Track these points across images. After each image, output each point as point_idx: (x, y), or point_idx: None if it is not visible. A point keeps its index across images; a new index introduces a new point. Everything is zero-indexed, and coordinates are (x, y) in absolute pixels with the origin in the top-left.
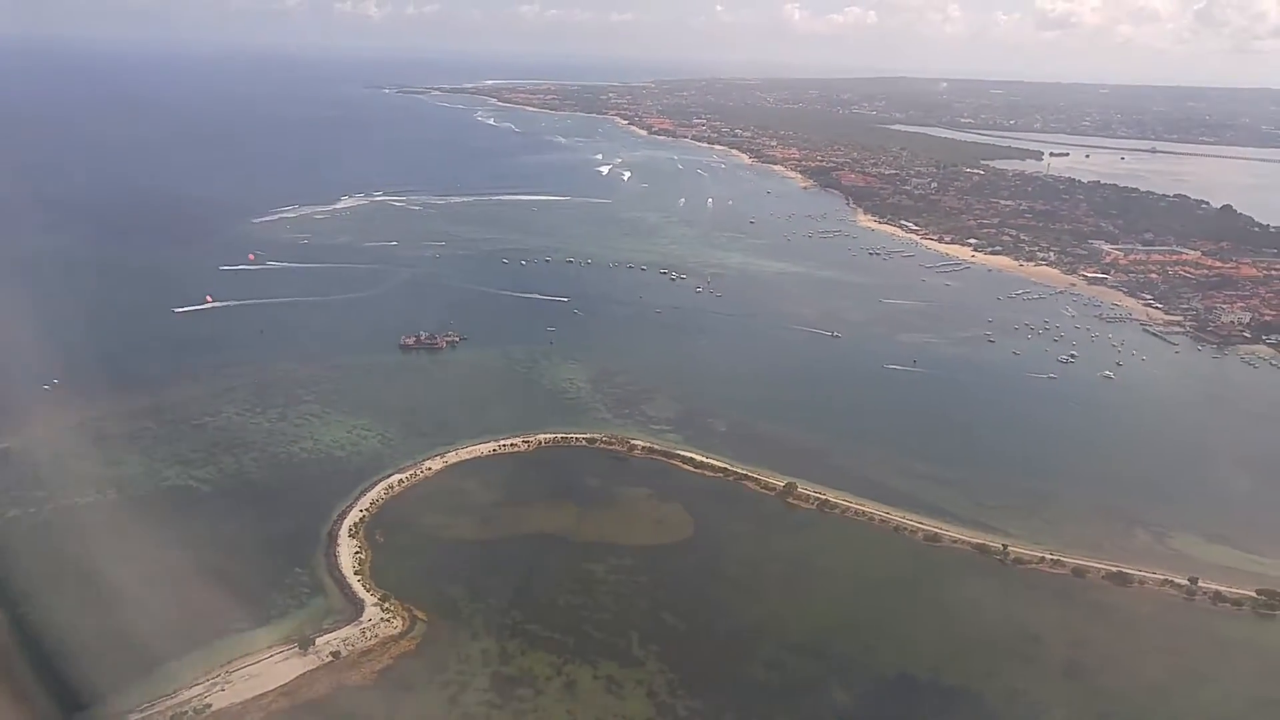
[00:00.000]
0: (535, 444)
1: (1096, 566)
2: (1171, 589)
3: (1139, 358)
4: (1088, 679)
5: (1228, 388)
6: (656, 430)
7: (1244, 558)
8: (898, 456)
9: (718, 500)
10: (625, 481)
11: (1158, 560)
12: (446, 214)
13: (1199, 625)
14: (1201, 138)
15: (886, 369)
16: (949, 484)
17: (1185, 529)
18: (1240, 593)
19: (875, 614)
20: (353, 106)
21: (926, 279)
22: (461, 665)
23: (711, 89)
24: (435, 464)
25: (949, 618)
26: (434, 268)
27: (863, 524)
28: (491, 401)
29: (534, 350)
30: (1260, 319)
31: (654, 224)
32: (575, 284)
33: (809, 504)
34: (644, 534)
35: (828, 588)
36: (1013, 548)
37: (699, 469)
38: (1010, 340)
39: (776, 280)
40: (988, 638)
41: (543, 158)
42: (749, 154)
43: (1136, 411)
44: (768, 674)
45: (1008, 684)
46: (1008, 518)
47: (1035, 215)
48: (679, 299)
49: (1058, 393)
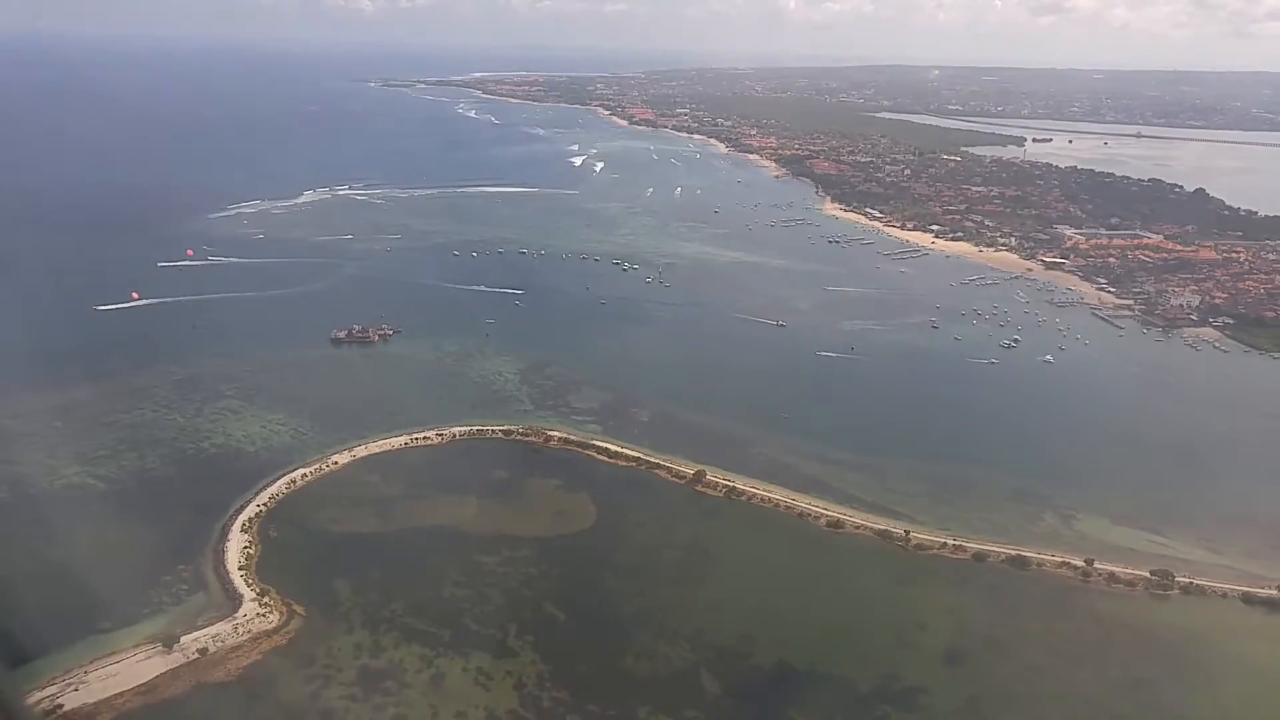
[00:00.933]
0: (449, 437)
1: (997, 550)
2: (1068, 571)
3: (1082, 342)
4: (966, 664)
5: (1165, 371)
6: (578, 421)
7: (1146, 539)
8: (817, 443)
9: (626, 490)
10: (535, 473)
11: (1062, 543)
12: (408, 207)
13: (1088, 607)
14: (1190, 122)
15: (820, 356)
16: (864, 470)
17: (1094, 512)
18: (1134, 573)
19: (762, 602)
20: (333, 100)
21: (881, 266)
22: (330, 659)
23: (701, 79)
24: (342, 458)
25: (837, 605)
26: (383, 261)
27: (768, 511)
28: (413, 395)
29: (468, 343)
30: (1210, 302)
31: (616, 214)
32: (525, 276)
33: (717, 492)
34: (544, 525)
35: (719, 576)
36: (915, 533)
37: (613, 459)
38: (955, 326)
39: (730, 269)
40: (874, 625)
41: (517, 149)
42: (726, 143)
43: (1069, 396)
44: (639, 664)
45: (884, 671)
46: (919, 503)
47: (1004, 201)
48: (627, 290)
49: (994, 378)
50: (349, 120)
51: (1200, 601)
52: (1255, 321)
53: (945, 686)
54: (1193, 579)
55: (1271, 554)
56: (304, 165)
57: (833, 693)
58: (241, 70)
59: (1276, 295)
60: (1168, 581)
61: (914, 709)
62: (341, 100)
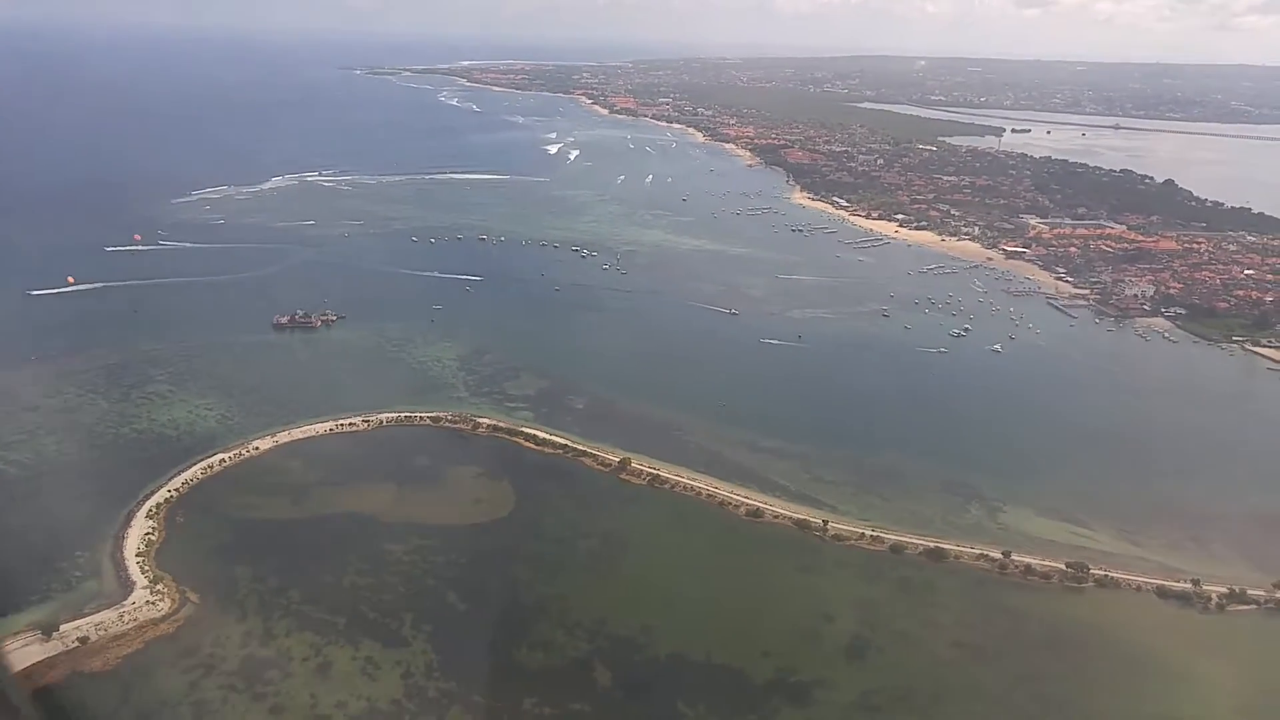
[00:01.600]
0: (376, 423)
1: (915, 542)
2: (985, 564)
3: (1034, 331)
4: (868, 657)
5: (1110, 361)
6: (511, 408)
7: (1070, 531)
8: (750, 432)
9: (549, 477)
10: (458, 460)
11: (985, 535)
12: (375, 193)
13: (1000, 600)
14: (1168, 114)
15: (764, 344)
16: (794, 459)
17: (1021, 503)
18: (1050, 565)
19: (669, 592)
20: (316, 88)
21: (841, 255)
22: (215, 648)
23: (688, 69)
24: (265, 444)
25: (745, 596)
26: (340, 247)
27: (689, 499)
28: (347, 381)
29: (412, 329)
30: (1164, 292)
31: (584, 202)
32: (481, 262)
33: (640, 480)
34: (459, 513)
35: (630, 566)
36: (834, 524)
37: (540, 446)
38: (906, 315)
39: (689, 257)
40: (779, 616)
41: (494, 136)
42: (704, 132)
43: (1012, 386)
44: (532, 655)
45: (783, 664)
46: (845, 493)
47: (974, 190)
48: (583, 276)
49: (940, 367)
50: (328, 108)
51: (1113, 595)
52: (1207, 312)
53: (843, 680)
54: (1108, 572)
55: (1193, 546)
56: (275, 152)
57: (726, 685)
58: (228, 58)
59: (1231, 286)
60: (1082, 574)
61: (807, 703)
62: (324, 88)
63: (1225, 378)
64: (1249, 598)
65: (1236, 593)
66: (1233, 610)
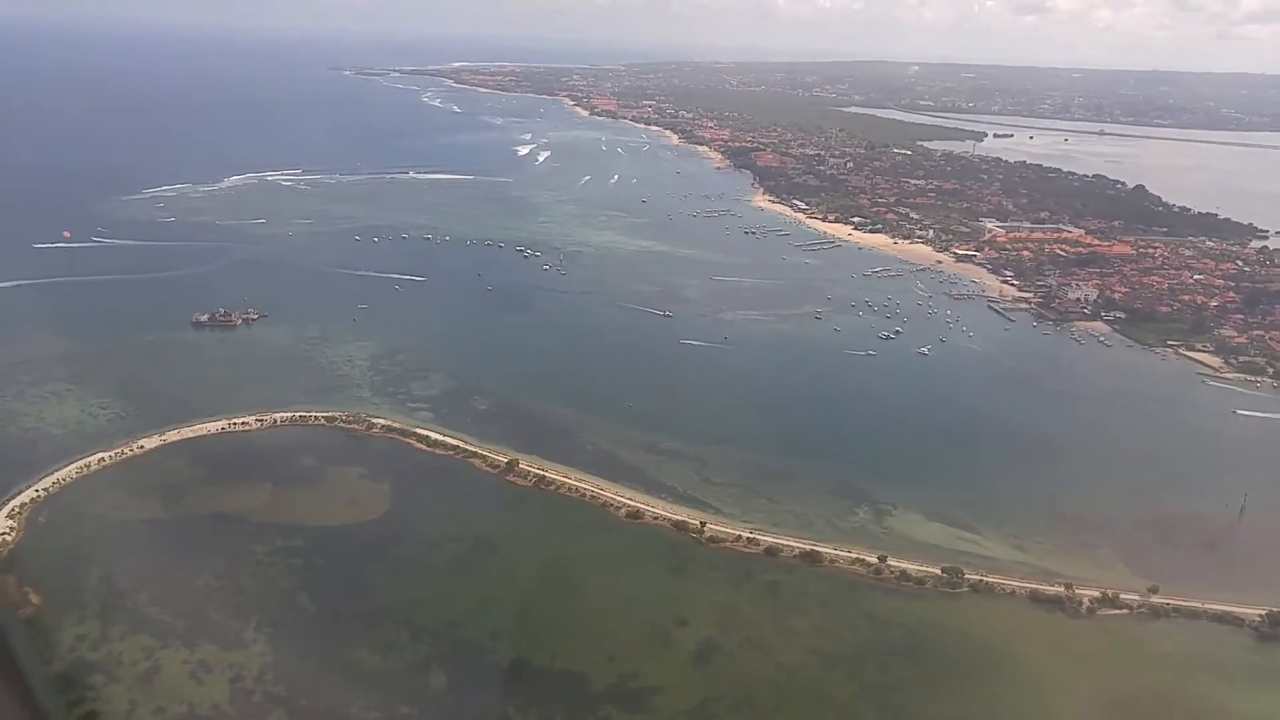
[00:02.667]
0: (270, 423)
1: (792, 545)
2: (860, 567)
3: (966, 334)
4: (715, 663)
5: (1038, 364)
6: (412, 408)
7: (956, 535)
8: (651, 433)
9: (433, 479)
10: (344, 461)
11: (868, 539)
12: (332, 192)
13: (868, 605)
14: (1157, 121)
15: (684, 344)
16: (690, 460)
17: (911, 507)
18: (926, 570)
19: (528, 596)
20: (299, 88)
21: (788, 258)
22: (42, 651)
23: (680, 72)
24: (151, 442)
25: (605, 599)
26: (281, 246)
27: (572, 501)
28: (252, 379)
29: (333, 328)
30: (1107, 296)
31: (541, 202)
32: (420, 261)
33: (526, 481)
34: (332, 514)
35: (495, 569)
36: (713, 526)
37: (431, 447)
38: (840, 317)
39: (634, 258)
40: (635, 620)
41: (467, 137)
42: (680, 134)
43: (930, 388)
44: (371, 659)
45: (627, 669)
46: (732, 495)
47: (939, 194)
48: (521, 277)
49: (863, 369)
50: (306, 108)
51: (986, 600)
52: (1147, 316)
53: (685, 687)
54: (984, 577)
55: (1079, 551)
56: (241, 150)
57: (563, 691)
58: (218, 56)
59: (1178, 290)
60: (957, 579)
61: (640, 710)
62: (307, 88)
63: (1149, 382)
64: (1121, 602)
65: (1109, 597)
66: (1103, 615)
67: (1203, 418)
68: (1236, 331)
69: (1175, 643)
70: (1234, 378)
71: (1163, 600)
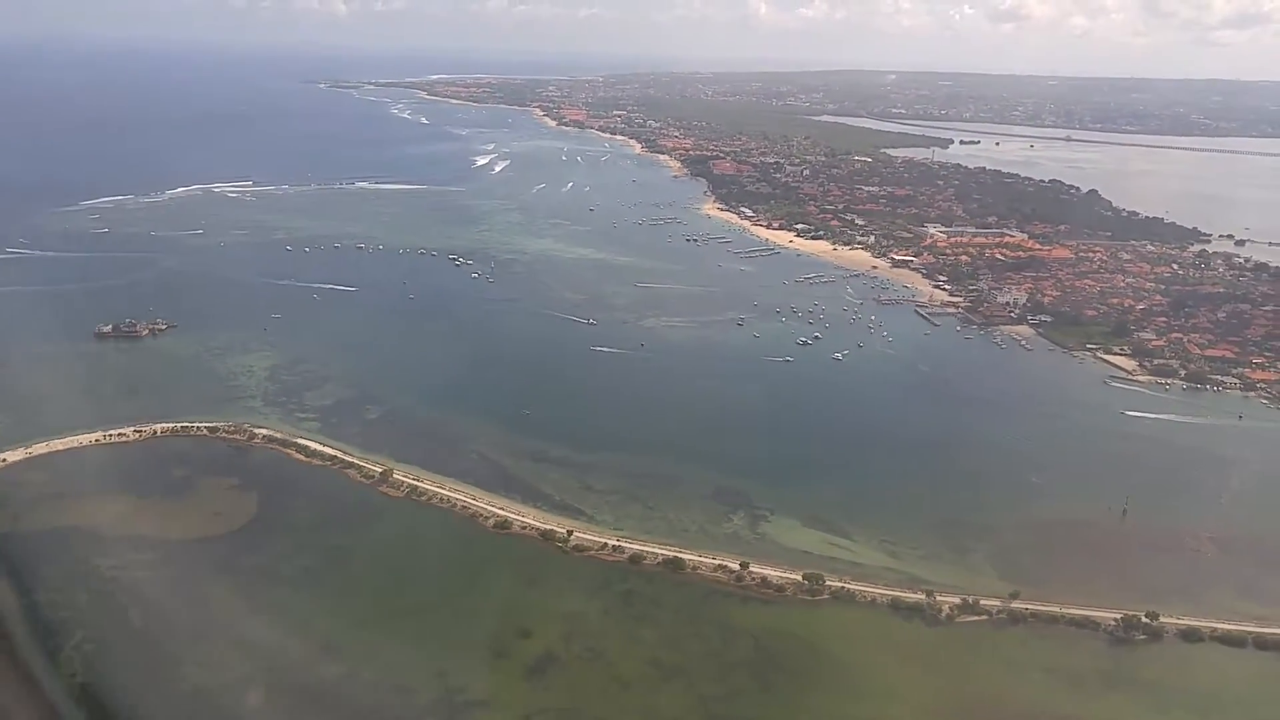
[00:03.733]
0: (148, 434)
1: (657, 552)
2: (723, 574)
3: (886, 339)
4: (549, 676)
5: (952, 368)
6: (300, 418)
7: (829, 541)
8: (540, 441)
9: (303, 490)
10: (217, 471)
11: (736, 545)
12: (277, 204)
13: (721, 613)
14: (1125, 127)
15: (594, 351)
16: (573, 468)
17: (789, 513)
18: (787, 577)
19: (367, 612)
20: (268, 100)
21: (724, 264)
22: None
23: (657, 82)
24: (15, 456)
25: (447, 613)
26: (210, 256)
27: (442, 511)
28: (142, 390)
29: (241, 337)
30: (1037, 299)
31: (487, 210)
32: (349, 271)
33: (399, 491)
34: (190, 527)
35: (338, 583)
36: (580, 534)
37: (309, 458)
38: (762, 323)
39: (569, 266)
40: (474, 633)
41: (429, 148)
42: (643, 143)
43: (836, 393)
44: (191, 671)
45: (454, 684)
46: (609, 502)
47: (889, 200)
48: (448, 285)
49: (773, 374)
50: (272, 120)
51: (845, 608)
52: (1073, 319)
53: (511, 700)
54: (846, 584)
55: (950, 556)
56: (191, 162)
57: (385, 706)
58: (192, 71)
59: (1108, 294)
60: (818, 586)
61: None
62: (279, 100)
63: (1054, 385)
64: (981, 608)
65: (969, 604)
66: (962, 621)
67: (1094, 419)
68: (1156, 334)
69: (1029, 649)
70: (1145, 380)
71: (1023, 605)
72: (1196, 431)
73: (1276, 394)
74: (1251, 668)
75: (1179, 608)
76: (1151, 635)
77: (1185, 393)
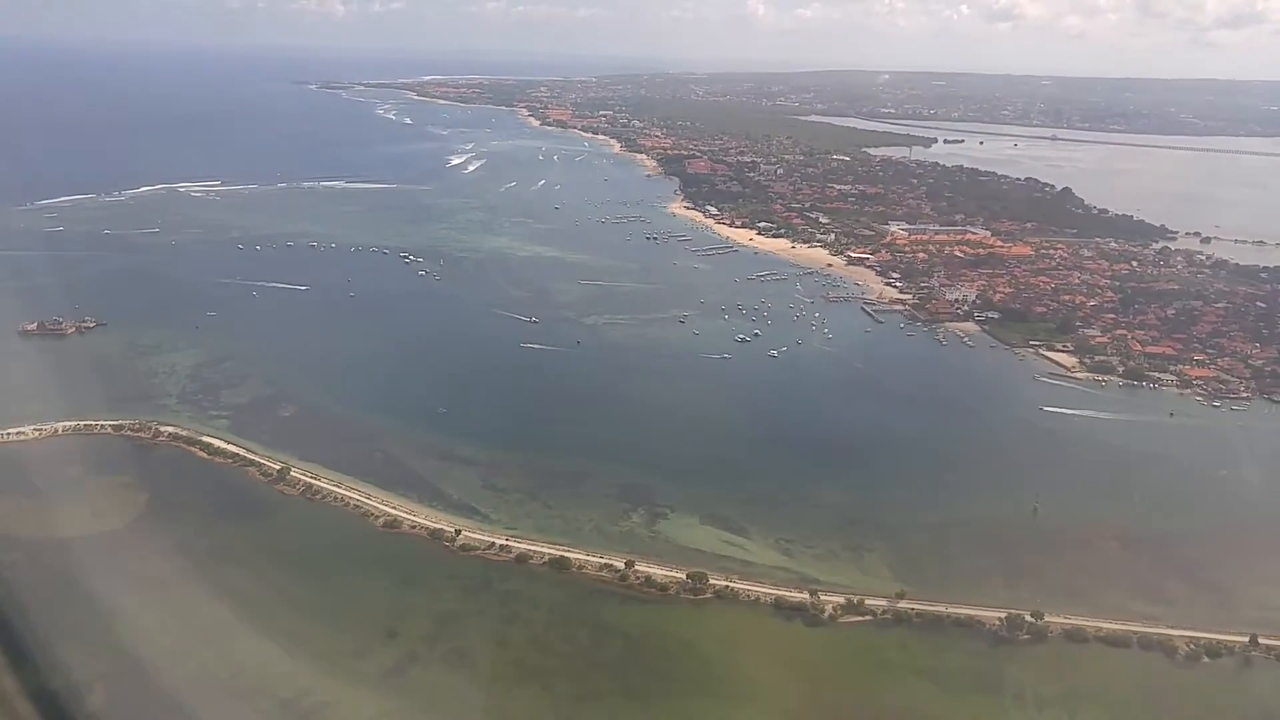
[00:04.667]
0: (49, 433)
1: (544, 552)
2: (607, 574)
3: (827, 336)
4: (406, 679)
5: (887, 365)
6: (212, 416)
7: (724, 539)
8: (452, 439)
9: (199, 487)
10: (112, 470)
11: (629, 543)
12: (240, 203)
13: (597, 613)
14: (1112, 126)
15: (523, 348)
16: (479, 466)
17: (689, 510)
18: (671, 576)
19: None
20: (255, 101)
21: (680, 262)
22: None
23: (650, 84)
24: None
25: (317, 612)
26: (161, 254)
27: (334, 510)
28: (55, 389)
29: (171, 335)
30: (988, 296)
31: (450, 209)
32: (296, 269)
33: (295, 489)
34: (70, 526)
35: (207, 586)
36: (468, 534)
37: (212, 455)
38: (705, 321)
39: (522, 264)
40: (338, 636)
41: (406, 147)
42: (622, 143)
43: (765, 391)
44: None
45: (305, 686)
46: (509, 500)
47: (859, 199)
48: (392, 283)
49: (707, 372)
50: (255, 120)
51: (727, 607)
52: (1020, 316)
53: (358, 703)
54: (730, 583)
55: (846, 555)
56: (162, 162)
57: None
58: (184, 74)
59: (1062, 290)
60: (702, 586)
61: None
62: (265, 101)
63: (989, 383)
64: (866, 608)
65: (854, 604)
66: (844, 622)
67: (1015, 415)
68: (1102, 331)
69: (907, 650)
70: (1083, 377)
71: (909, 606)
72: (1124, 428)
73: (1211, 391)
74: (1129, 668)
75: (1070, 607)
76: (1036, 635)
77: (1121, 389)
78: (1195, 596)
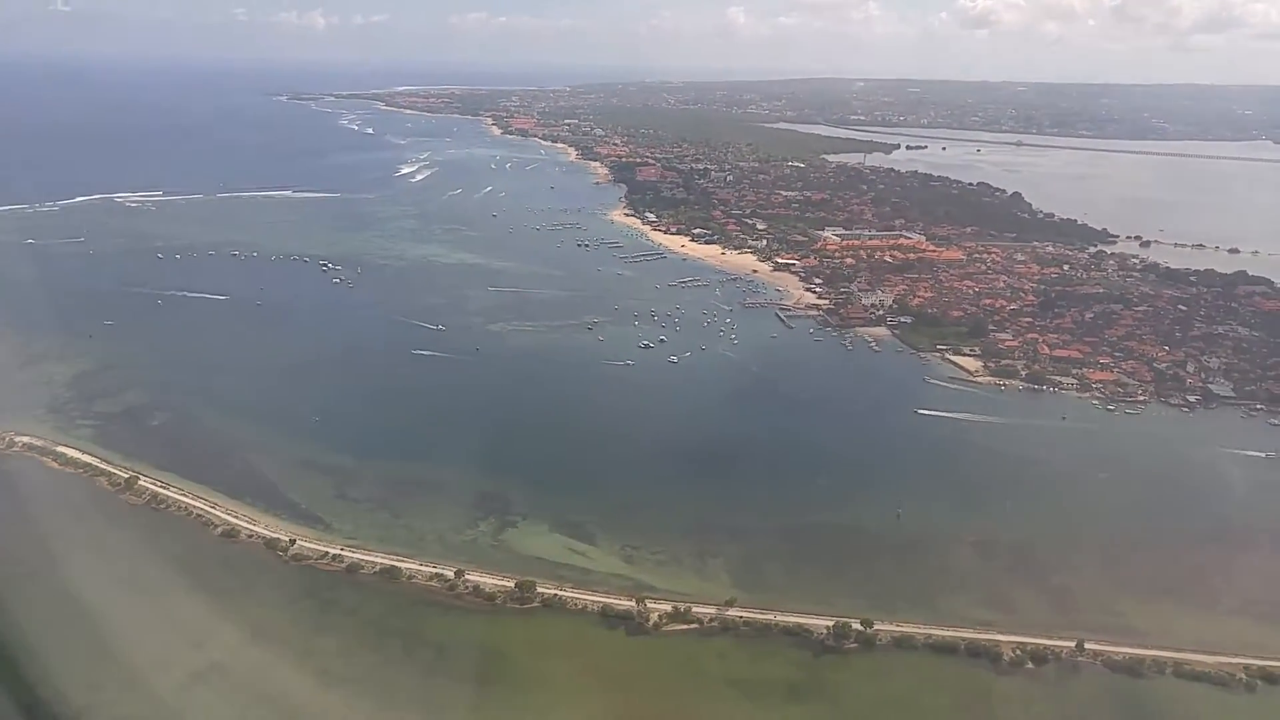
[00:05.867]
0: None
1: (375, 561)
2: (437, 582)
3: (733, 342)
4: (200, 690)
5: (786, 370)
6: (79, 425)
7: (570, 548)
8: (317, 448)
9: (40, 497)
10: None
11: (469, 552)
12: (176, 212)
13: (415, 622)
14: (1080, 131)
15: (414, 355)
16: (336, 475)
17: (541, 519)
18: (500, 585)
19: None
20: (221, 114)
21: (604, 269)
22: None
23: (623, 93)
24: None
25: (122, 621)
26: (76, 263)
27: (176, 518)
28: None
29: (57, 345)
30: (905, 301)
31: (384, 217)
32: (209, 278)
33: (140, 498)
34: None
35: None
36: (304, 543)
37: (64, 465)
38: (614, 328)
39: (443, 271)
40: (146, 644)
41: (359, 156)
42: (578, 150)
43: (654, 399)
44: None
45: (102, 698)
46: (355, 510)
47: (803, 205)
48: (304, 291)
49: (602, 379)
50: (213, 130)
51: (552, 616)
52: (933, 321)
53: (151, 715)
54: (559, 591)
55: (689, 563)
56: (103, 172)
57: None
58: (157, 91)
59: (984, 294)
60: (529, 595)
61: None
62: (232, 113)
63: (882, 387)
64: (692, 616)
65: (680, 612)
66: (668, 630)
67: (892, 420)
68: (1014, 335)
69: (725, 660)
70: (985, 381)
71: (737, 614)
72: (1010, 433)
73: (1109, 394)
74: (948, 675)
75: (907, 614)
76: (864, 643)
77: (1022, 393)
78: (1036, 602)
